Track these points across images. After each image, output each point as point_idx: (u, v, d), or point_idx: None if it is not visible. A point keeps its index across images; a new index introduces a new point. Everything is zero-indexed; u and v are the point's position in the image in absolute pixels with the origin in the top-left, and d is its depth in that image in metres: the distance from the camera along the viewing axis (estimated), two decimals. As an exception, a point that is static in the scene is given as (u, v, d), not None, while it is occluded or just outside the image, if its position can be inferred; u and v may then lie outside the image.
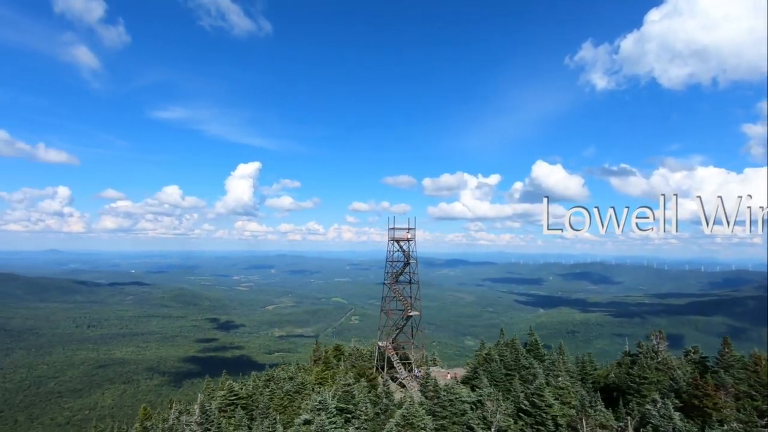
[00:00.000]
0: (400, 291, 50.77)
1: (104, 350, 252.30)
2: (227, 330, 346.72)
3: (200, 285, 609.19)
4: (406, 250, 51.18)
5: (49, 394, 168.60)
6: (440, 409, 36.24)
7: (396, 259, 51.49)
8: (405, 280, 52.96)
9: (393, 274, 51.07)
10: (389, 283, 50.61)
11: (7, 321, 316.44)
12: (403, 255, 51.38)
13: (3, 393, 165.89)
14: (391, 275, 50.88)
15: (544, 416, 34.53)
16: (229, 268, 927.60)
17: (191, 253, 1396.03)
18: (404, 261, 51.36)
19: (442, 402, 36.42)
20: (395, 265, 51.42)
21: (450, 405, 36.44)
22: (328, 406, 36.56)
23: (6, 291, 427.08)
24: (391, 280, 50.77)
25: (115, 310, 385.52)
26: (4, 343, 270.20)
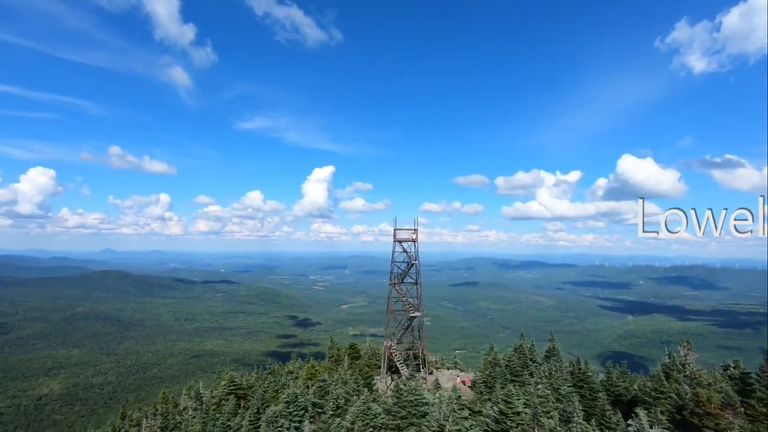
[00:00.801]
0: (403, 291, 50.61)
1: (198, 342, 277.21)
2: (305, 327, 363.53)
3: (280, 284, 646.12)
4: (409, 251, 50.74)
5: (153, 379, 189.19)
6: (399, 409, 35.90)
7: (401, 260, 51.42)
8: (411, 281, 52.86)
9: (399, 275, 51.01)
10: (393, 284, 50.62)
11: (120, 313, 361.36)
12: (407, 256, 51.01)
13: (117, 376, 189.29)
14: (396, 276, 50.83)
15: (509, 423, 32.95)
16: (306, 268, 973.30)
17: (272, 254, 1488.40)
18: (408, 262, 51.02)
19: (402, 402, 36.04)
20: (400, 265, 51.40)
21: (410, 405, 36.01)
22: (297, 398, 39.41)
23: (119, 287, 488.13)
24: (395, 281, 50.74)
25: (207, 306, 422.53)
26: (118, 332, 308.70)
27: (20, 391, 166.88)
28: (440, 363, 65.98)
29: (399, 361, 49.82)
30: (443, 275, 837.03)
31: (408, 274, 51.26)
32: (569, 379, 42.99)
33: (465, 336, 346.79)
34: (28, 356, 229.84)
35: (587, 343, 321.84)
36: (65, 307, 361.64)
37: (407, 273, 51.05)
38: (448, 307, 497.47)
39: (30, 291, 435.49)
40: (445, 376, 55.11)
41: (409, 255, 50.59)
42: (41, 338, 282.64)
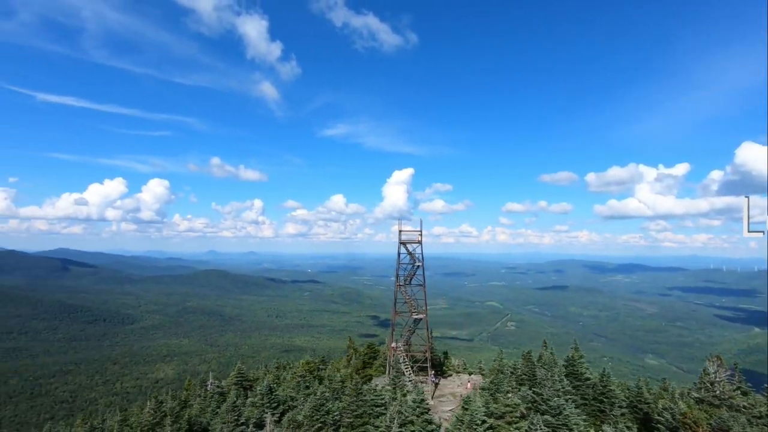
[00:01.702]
0: (407, 293, 50.04)
1: (287, 337, 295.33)
2: (386, 327, 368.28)
3: (363, 284, 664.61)
4: (412, 253, 50.21)
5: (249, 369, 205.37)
6: (356, 407, 36.74)
7: (407, 261, 51.10)
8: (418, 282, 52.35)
9: (406, 276, 50.67)
10: (399, 285, 50.38)
11: (222, 308, 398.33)
12: (411, 258, 50.44)
13: (219, 365, 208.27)
14: (403, 277, 50.54)
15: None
16: (388, 269, 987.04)
17: (355, 255, 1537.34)
18: (413, 264, 50.58)
19: (359, 401, 37.04)
20: (406, 267, 51.08)
21: (366, 405, 36.85)
22: (272, 391, 42.99)
23: (221, 285, 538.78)
24: (401, 282, 50.38)
25: (296, 304, 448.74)
26: (220, 326, 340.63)
27: (142, 374, 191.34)
28: (461, 367, 64.00)
29: (404, 363, 48.99)
30: (529, 278, 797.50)
31: (415, 276, 50.62)
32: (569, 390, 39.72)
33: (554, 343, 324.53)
34: (148, 344, 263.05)
35: (700, 357, 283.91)
36: (178, 301, 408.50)
37: (413, 275, 50.39)
38: (535, 312, 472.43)
39: (150, 287, 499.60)
40: (457, 381, 53.38)
41: (413, 256, 49.81)
42: (159, 329, 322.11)
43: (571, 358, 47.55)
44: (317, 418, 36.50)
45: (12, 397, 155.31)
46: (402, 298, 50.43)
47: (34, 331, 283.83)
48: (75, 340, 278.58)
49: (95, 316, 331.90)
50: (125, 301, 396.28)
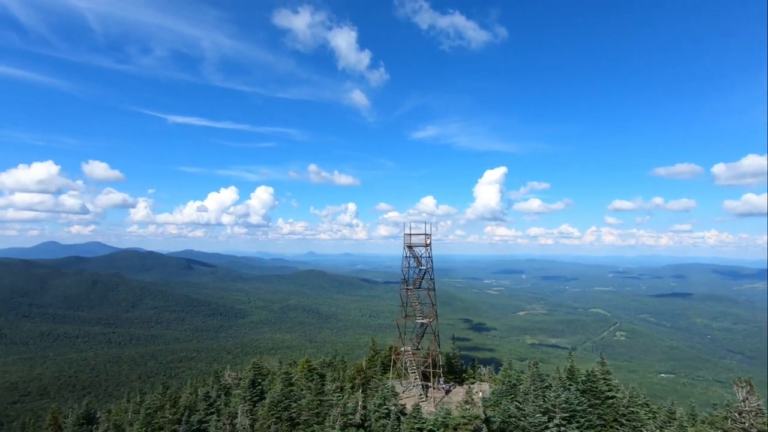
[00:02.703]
0: (413, 297, 48.65)
1: (380, 337, 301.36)
2: (479, 331, 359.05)
3: (454, 287, 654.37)
4: (418, 256, 48.74)
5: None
6: (315, 405, 38.27)
7: (414, 265, 49.70)
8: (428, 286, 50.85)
9: (414, 279, 49.26)
10: (406, 289, 49.07)
11: (320, 306, 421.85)
12: (416, 261, 48.86)
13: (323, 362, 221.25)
14: (410, 281, 49.24)
15: None
16: (480, 271, 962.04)
17: (446, 257, 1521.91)
18: (422, 267, 48.94)
19: (317, 400, 38.35)
20: (414, 270, 49.66)
21: (323, 404, 38.25)
22: (254, 384, 45.75)
23: (319, 285, 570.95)
24: (407, 286, 48.97)
25: (388, 305, 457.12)
26: (318, 323, 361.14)
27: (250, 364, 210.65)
28: (482, 376, 59.82)
29: (411, 367, 47.54)
30: (642, 284, 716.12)
31: (423, 279, 49.40)
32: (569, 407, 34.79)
33: (674, 358, 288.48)
34: (257, 337, 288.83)
35: None
36: (281, 299, 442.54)
37: (422, 279, 49.12)
38: (650, 322, 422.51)
39: (258, 285, 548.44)
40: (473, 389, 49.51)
41: (418, 260, 48.47)
42: (265, 324, 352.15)
43: (592, 373, 42.26)
44: (273, 413, 37.79)
45: (150, 377, 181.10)
46: (415, 300, 49.39)
47: (166, 321, 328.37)
48: (198, 330, 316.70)
49: (214, 310, 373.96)
50: (238, 297, 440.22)
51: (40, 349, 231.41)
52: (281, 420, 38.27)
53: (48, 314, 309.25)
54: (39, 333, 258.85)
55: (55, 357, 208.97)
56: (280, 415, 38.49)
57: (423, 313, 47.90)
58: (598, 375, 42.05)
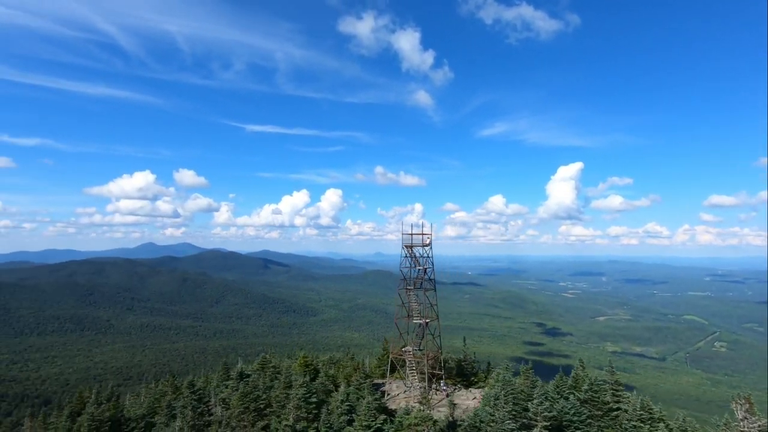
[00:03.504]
0: (410, 297, 48.00)
1: (447, 338, 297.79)
2: (553, 336, 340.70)
3: (526, 289, 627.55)
4: (416, 256, 47.86)
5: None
6: (283, 398, 40.29)
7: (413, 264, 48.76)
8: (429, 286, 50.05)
9: (414, 280, 48.40)
10: (404, 289, 48.61)
11: (387, 306, 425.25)
12: (413, 261, 47.94)
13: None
14: (409, 281, 48.39)
15: None
16: (555, 273, 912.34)
17: (517, 258, 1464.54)
18: (420, 267, 47.89)
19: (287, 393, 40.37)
20: (413, 270, 48.71)
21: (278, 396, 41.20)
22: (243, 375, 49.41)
23: (386, 284, 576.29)
24: (405, 286, 48.27)
25: (456, 306, 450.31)
26: (386, 323, 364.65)
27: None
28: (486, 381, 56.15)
29: (410, 367, 46.88)
30: (747, 288, 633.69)
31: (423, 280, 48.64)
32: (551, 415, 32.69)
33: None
34: (327, 334, 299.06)
35: None
36: (350, 298, 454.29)
37: (422, 279, 48.45)
38: (757, 332, 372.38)
39: (328, 284, 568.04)
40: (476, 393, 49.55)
41: (416, 261, 47.63)
42: (335, 322, 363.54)
43: (595, 382, 38.27)
44: (243, 402, 40.52)
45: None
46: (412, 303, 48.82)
47: (245, 317, 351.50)
48: (273, 326, 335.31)
49: (288, 307, 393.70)
50: (310, 296, 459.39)
51: (139, 338, 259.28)
52: (249, 410, 40.45)
53: (147, 308, 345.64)
54: (139, 324, 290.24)
55: (152, 346, 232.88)
56: (249, 405, 40.90)
57: (421, 313, 47.46)
58: (605, 385, 38.79)
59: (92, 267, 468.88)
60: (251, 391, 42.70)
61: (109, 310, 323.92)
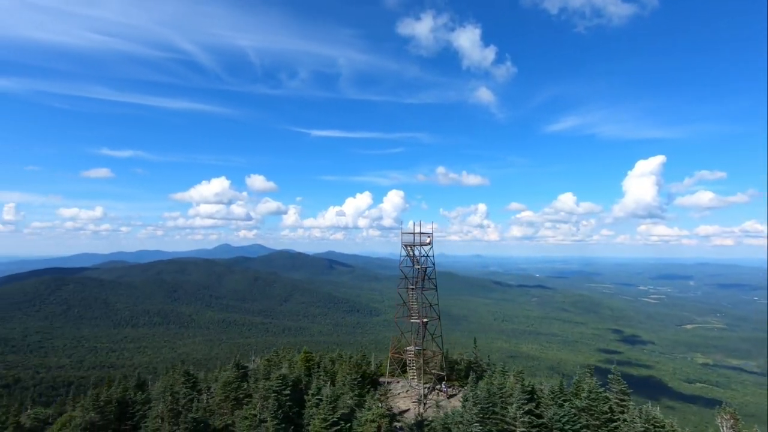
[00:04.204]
0: (409, 297, 47.63)
1: (514, 343, 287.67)
2: (632, 344, 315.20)
3: (601, 293, 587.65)
4: (414, 256, 47.40)
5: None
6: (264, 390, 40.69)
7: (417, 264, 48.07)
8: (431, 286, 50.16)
9: (415, 279, 47.73)
10: (405, 288, 48.35)
11: (450, 308, 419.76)
12: (412, 260, 47.49)
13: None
14: (412, 281, 47.78)
15: None
16: (634, 276, 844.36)
17: (590, 260, 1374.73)
18: (420, 267, 47.31)
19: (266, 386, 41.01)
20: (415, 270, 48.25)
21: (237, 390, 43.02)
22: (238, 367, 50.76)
23: (449, 286, 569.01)
24: (406, 286, 47.92)
25: (523, 309, 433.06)
26: (449, 325, 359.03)
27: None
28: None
29: (411, 367, 46.47)
30: None
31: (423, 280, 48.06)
32: None
33: None
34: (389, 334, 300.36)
35: None
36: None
37: (422, 279, 47.91)
38: None
39: (392, 285, 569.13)
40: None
41: (415, 260, 47.12)
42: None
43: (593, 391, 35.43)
44: (224, 391, 42.88)
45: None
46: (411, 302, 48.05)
47: (312, 316, 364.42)
48: (338, 325, 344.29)
49: (352, 307, 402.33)
50: (373, 296, 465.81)
51: (216, 333, 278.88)
52: (228, 398, 42.93)
53: (223, 305, 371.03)
54: (216, 320, 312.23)
55: (228, 341, 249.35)
56: (229, 394, 42.87)
57: (420, 313, 46.88)
58: (606, 393, 36.50)
59: (176, 266, 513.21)
60: (233, 380, 45.43)
61: (191, 306, 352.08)
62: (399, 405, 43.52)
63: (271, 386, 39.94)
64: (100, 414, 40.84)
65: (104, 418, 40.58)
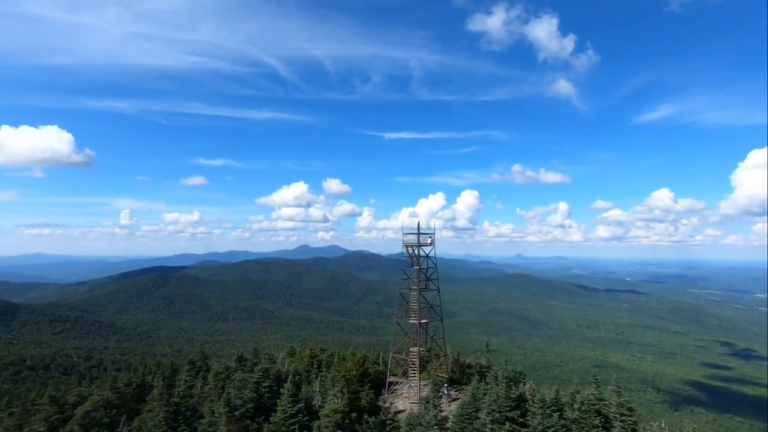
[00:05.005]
0: (411, 297, 47.01)
1: (600, 351, 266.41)
2: (746, 359, 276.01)
3: (705, 300, 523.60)
4: (414, 256, 46.93)
5: (554, 379, 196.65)
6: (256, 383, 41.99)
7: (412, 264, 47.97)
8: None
9: (418, 280, 47.16)
10: (406, 290, 48.17)
11: (528, 312, 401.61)
12: (411, 261, 47.14)
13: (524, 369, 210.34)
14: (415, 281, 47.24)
15: None
16: (749, 282, 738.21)
17: (693, 263, 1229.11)
18: (417, 267, 46.85)
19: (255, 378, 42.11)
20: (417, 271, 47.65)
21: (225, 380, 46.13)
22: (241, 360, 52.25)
23: (527, 289, 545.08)
24: (409, 287, 47.34)
25: (611, 316, 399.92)
26: (527, 329, 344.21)
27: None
28: None
29: (412, 367, 46.09)
30: None
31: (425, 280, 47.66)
32: None
33: None
34: (464, 338, 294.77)
35: None
36: (488, 302, 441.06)
37: (428, 278, 47.76)
38: None
39: (465, 287, 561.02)
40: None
41: (414, 260, 46.48)
42: (472, 325, 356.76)
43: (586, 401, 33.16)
44: (214, 380, 45.51)
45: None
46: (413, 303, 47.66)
47: (385, 316, 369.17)
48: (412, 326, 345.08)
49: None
50: (447, 297, 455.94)
51: (296, 329, 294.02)
52: (217, 387, 44.22)
53: (302, 303, 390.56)
54: (296, 317, 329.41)
55: (307, 337, 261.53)
56: (218, 383, 44.83)
57: (419, 314, 46.44)
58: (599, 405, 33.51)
59: (261, 266, 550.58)
60: (223, 370, 47.98)
61: (273, 303, 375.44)
62: (397, 405, 43.55)
63: (246, 377, 42.63)
64: (117, 394, 44.96)
65: (121, 398, 44.62)
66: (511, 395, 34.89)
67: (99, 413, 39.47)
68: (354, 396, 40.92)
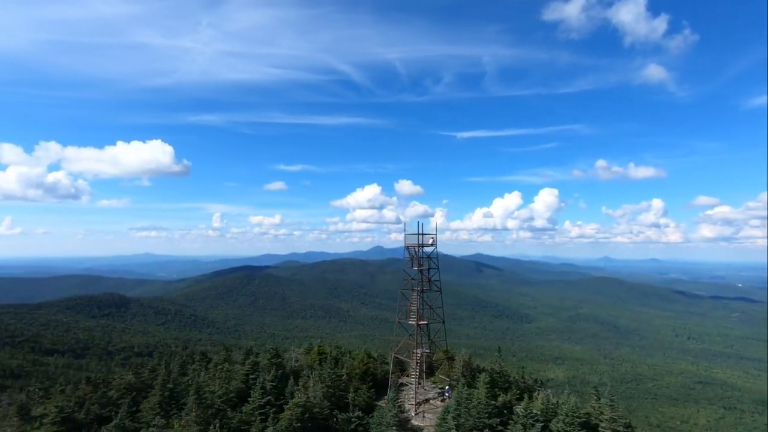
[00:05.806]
0: (413, 298, 45.03)
1: (704, 366, 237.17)
2: None
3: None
4: (414, 256, 44.93)
5: (647, 394, 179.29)
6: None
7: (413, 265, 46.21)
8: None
9: (419, 281, 45.41)
10: (408, 291, 46.34)
11: (617, 319, 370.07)
12: (410, 261, 45.33)
13: (611, 380, 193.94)
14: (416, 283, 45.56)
15: None
16: None
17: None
18: (422, 268, 45.02)
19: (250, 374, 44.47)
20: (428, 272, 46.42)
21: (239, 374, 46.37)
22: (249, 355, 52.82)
23: (616, 294, 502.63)
24: (410, 288, 45.72)
25: (718, 326, 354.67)
26: (615, 337, 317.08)
27: (534, 371, 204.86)
28: None
29: (414, 368, 45.38)
30: None
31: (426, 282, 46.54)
32: None
33: None
34: (542, 344, 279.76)
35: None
36: (570, 307, 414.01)
37: (430, 279, 46.83)
38: None
39: (545, 290, 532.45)
40: None
41: (415, 261, 45.44)
42: (552, 331, 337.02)
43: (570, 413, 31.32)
44: (213, 371, 48.48)
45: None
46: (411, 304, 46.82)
47: (459, 318, 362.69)
48: (486, 329, 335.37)
49: (500, 311, 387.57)
50: (523, 301, 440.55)
51: (370, 329, 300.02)
52: (214, 377, 46.50)
53: (375, 303, 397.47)
54: (370, 316, 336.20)
55: (379, 336, 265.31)
56: (215, 374, 47.14)
57: (418, 315, 45.41)
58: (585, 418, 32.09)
59: (336, 266, 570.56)
60: (220, 362, 50.63)
61: (348, 302, 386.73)
62: (404, 406, 43.19)
63: (235, 369, 44.81)
64: (139, 378, 48.45)
65: (142, 383, 47.82)
66: (491, 402, 34.45)
67: (116, 394, 43.70)
68: (342, 392, 41.36)
